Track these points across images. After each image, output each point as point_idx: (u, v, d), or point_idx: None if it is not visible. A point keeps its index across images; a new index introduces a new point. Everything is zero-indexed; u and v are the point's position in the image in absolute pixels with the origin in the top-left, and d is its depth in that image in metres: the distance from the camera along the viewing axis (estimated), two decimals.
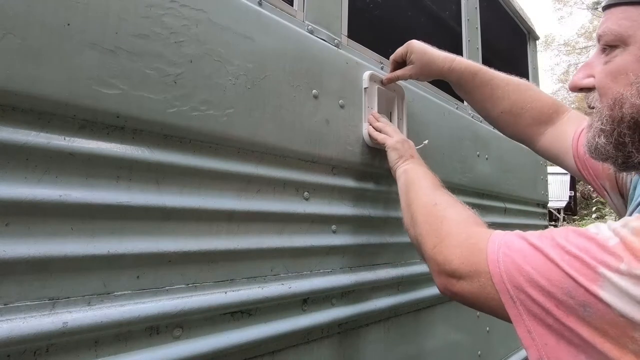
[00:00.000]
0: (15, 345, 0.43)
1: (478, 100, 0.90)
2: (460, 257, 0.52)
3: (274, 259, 0.73)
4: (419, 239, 0.64)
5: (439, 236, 0.58)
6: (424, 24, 1.41)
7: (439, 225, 0.60)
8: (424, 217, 0.65)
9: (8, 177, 0.45)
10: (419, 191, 0.73)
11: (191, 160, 0.62)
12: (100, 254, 0.51)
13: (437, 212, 0.64)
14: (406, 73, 0.94)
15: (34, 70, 0.46)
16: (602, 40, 0.51)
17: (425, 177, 0.77)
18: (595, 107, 0.52)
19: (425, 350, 1.12)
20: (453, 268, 0.53)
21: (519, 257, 0.44)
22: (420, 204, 0.69)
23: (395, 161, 0.86)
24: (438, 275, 0.57)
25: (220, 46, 0.66)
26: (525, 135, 0.86)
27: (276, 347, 0.72)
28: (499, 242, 0.48)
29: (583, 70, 0.56)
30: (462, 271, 0.51)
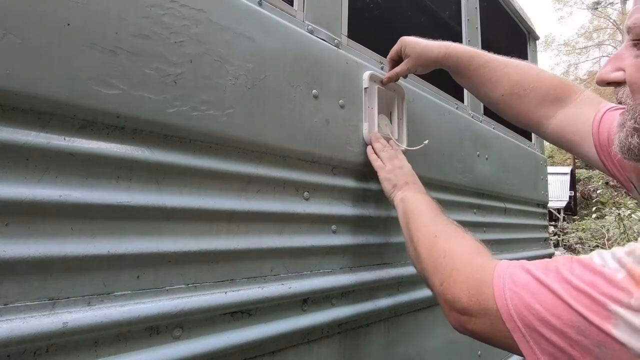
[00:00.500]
0: (15, 345, 0.43)
1: (477, 85, 0.86)
2: (467, 295, 0.50)
3: (274, 259, 0.73)
4: (425, 274, 0.62)
5: (444, 272, 0.56)
6: (424, 24, 1.41)
7: (442, 260, 0.58)
8: (426, 251, 0.63)
9: (8, 177, 0.45)
10: (419, 221, 0.70)
11: (191, 160, 0.62)
12: (100, 254, 0.51)
13: (439, 246, 0.61)
14: (404, 68, 0.92)
15: (34, 70, 0.46)
16: (633, 32, 0.46)
17: (422, 205, 0.74)
18: (626, 104, 0.49)
19: (425, 350, 1.12)
20: (463, 306, 0.51)
21: (526, 294, 0.43)
22: (422, 237, 0.66)
23: (390, 191, 0.85)
24: (449, 313, 0.55)
25: (220, 46, 0.66)
26: (531, 119, 0.78)
27: (276, 347, 0.72)
28: (504, 277, 0.46)
29: (612, 62, 0.51)
30: (472, 309, 0.49)
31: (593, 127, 0.66)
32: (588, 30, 22.99)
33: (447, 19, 1.52)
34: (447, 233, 0.64)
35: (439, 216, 0.70)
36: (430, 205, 0.74)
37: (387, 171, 0.87)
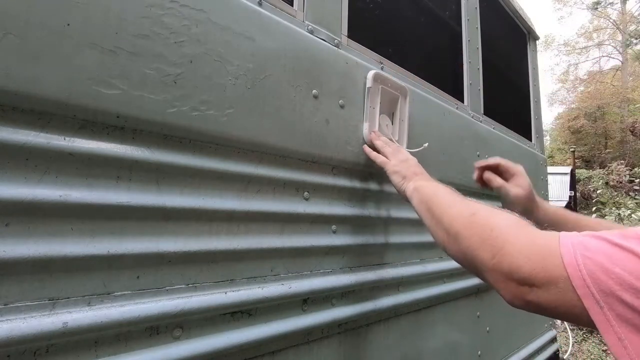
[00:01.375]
0: (15, 345, 0.43)
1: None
2: (529, 263, 0.47)
3: (274, 259, 0.73)
4: (470, 252, 0.57)
5: (495, 245, 0.52)
6: (424, 24, 1.41)
7: (490, 233, 0.54)
8: (467, 229, 0.58)
9: (8, 177, 0.45)
10: (445, 204, 0.67)
11: (191, 160, 0.62)
12: (100, 254, 0.51)
13: (481, 221, 0.57)
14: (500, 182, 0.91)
15: (34, 70, 0.46)
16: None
17: (441, 190, 0.71)
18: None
19: (425, 350, 1.12)
20: (524, 276, 0.47)
21: (604, 259, 0.40)
22: (455, 217, 0.62)
23: (400, 183, 0.83)
24: (505, 285, 0.50)
25: (220, 46, 0.66)
26: None
27: (276, 347, 0.72)
28: (574, 243, 0.44)
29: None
30: (536, 278, 0.46)
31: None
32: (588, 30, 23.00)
33: (447, 19, 1.52)
34: (484, 209, 0.60)
35: (463, 197, 0.68)
36: (448, 189, 0.72)
37: (393, 165, 0.86)
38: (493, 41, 1.80)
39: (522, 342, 1.73)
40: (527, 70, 2.19)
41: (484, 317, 1.44)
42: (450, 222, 0.62)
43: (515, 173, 0.91)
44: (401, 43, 1.25)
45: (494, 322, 1.50)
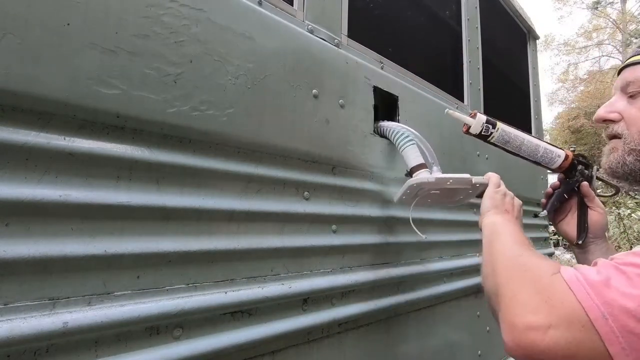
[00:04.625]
0: (16, 345, 0.43)
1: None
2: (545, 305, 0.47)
3: (274, 259, 0.73)
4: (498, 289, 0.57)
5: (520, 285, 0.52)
6: (424, 23, 1.40)
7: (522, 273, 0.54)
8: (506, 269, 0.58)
9: (8, 177, 0.45)
10: (506, 244, 0.65)
11: (191, 160, 0.62)
12: (100, 254, 0.51)
13: (521, 262, 0.57)
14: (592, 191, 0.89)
15: (34, 70, 0.46)
16: (629, 88, 0.65)
17: (514, 234, 0.68)
18: (622, 134, 0.65)
19: (425, 350, 1.12)
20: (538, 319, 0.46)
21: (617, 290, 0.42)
22: (505, 255, 0.62)
23: (487, 209, 0.79)
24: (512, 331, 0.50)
25: (220, 46, 0.66)
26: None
27: (276, 347, 0.72)
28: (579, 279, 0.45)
29: (606, 107, 0.69)
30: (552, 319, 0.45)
31: None
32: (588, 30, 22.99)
33: (447, 19, 1.52)
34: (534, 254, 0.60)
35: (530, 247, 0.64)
36: (523, 237, 0.68)
37: (497, 191, 0.82)
38: (493, 41, 1.80)
39: None
40: (527, 70, 2.19)
41: (484, 316, 1.44)
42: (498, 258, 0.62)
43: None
44: (401, 43, 1.25)
45: (494, 322, 1.49)
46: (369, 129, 0.97)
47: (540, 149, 0.91)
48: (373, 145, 0.97)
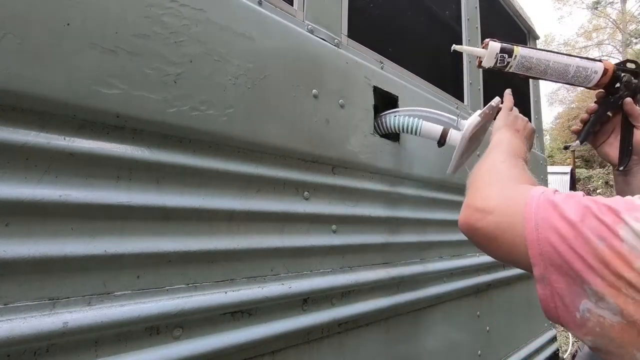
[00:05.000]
0: (16, 345, 0.43)
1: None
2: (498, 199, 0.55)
3: (274, 258, 0.73)
4: (472, 181, 0.65)
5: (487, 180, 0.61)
6: (424, 23, 1.40)
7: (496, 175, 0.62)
8: (487, 170, 0.65)
9: (8, 177, 0.45)
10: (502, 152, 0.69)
11: (191, 160, 0.62)
12: (100, 254, 0.51)
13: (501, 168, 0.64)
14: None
15: (34, 70, 0.46)
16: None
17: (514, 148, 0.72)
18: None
19: (425, 350, 1.12)
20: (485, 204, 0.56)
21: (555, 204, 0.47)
22: (494, 159, 0.67)
23: (498, 127, 0.80)
24: (464, 210, 0.59)
25: (220, 46, 0.66)
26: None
27: (276, 347, 0.72)
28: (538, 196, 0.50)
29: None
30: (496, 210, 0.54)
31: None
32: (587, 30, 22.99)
33: (447, 19, 1.52)
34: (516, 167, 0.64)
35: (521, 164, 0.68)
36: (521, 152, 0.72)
37: (510, 113, 0.83)
38: None
39: (521, 341, 1.73)
40: None
41: (484, 316, 1.44)
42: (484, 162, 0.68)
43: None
44: (401, 43, 1.25)
45: (494, 322, 1.50)
46: (369, 129, 0.97)
47: (571, 68, 0.79)
48: (373, 145, 0.98)
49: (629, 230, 0.40)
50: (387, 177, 1.03)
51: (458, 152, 0.93)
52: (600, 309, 0.40)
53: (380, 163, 0.99)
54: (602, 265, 0.41)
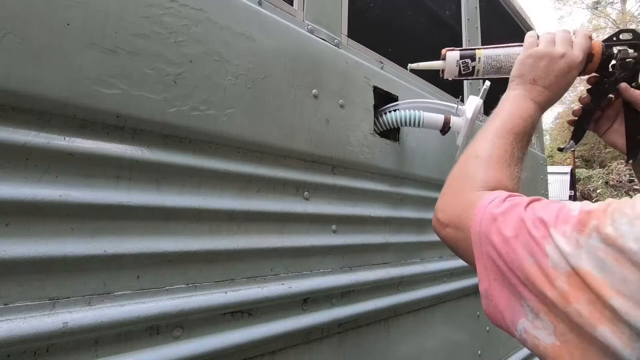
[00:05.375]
0: (16, 345, 0.43)
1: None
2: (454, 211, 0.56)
3: (274, 258, 0.73)
4: (447, 180, 0.63)
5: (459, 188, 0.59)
6: (424, 23, 1.41)
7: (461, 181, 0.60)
8: (459, 167, 0.62)
9: (8, 177, 0.45)
10: (486, 135, 0.63)
11: (191, 160, 0.62)
12: (100, 254, 0.51)
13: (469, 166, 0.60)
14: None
15: (34, 70, 0.46)
16: None
17: (508, 120, 0.63)
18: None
19: (425, 350, 1.12)
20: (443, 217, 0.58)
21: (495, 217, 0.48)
22: (472, 150, 0.63)
23: (511, 79, 0.69)
24: (433, 217, 0.61)
25: (220, 46, 0.66)
26: None
27: (276, 347, 0.72)
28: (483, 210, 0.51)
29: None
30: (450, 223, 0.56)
31: None
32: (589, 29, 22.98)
33: (447, 19, 1.52)
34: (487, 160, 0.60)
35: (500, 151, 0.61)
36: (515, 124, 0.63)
37: (531, 54, 0.67)
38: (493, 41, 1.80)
39: None
40: None
41: (484, 316, 1.44)
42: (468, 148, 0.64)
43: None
44: (401, 43, 1.25)
45: None
46: (369, 129, 0.97)
47: None
48: (373, 145, 0.98)
49: (554, 246, 0.39)
50: (387, 177, 1.03)
51: (463, 137, 0.93)
52: (536, 329, 0.39)
53: (380, 163, 0.99)
54: (531, 283, 0.39)
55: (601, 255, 0.35)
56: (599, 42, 0.67)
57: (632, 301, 0.32)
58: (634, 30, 0.66)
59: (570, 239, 0.38)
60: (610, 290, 0.33)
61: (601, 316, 0.33)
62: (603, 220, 0.36)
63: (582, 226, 0.37)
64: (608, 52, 0.67)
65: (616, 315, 0.33)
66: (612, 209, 0.37)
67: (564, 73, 0.65)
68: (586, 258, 0.36)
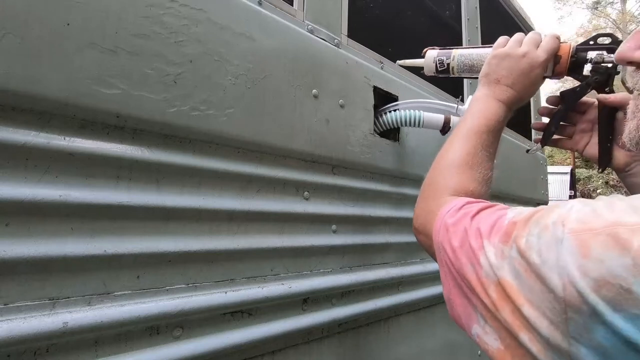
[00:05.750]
0: (16, 345, 0.43)
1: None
2: (424, 219, 0.59)
3: (274, 258, 0.73)
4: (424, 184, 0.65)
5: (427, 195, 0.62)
6: (424, 23, 1.41)
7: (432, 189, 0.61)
8: (437, 173, 0.63)
9: (8, 177, 0.45)
10: (455, 141, 0.64)
11: (191, 160, 0.62)
12: (100, 254, 0.51)
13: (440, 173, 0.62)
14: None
15: (34, 70, 0.46)
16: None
17: (473, 121, 0.64)
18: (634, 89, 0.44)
19: (425, 350, 1.12)
20: (417, 225, 0.62)
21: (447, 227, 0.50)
22: (444, 156, 0.63)
23: (479, 80, 0.71)
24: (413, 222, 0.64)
25: (220, 46, 0.66)
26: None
27: (276, 347, 0.72)
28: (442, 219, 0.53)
29: (634, 39, 0.47)
30: (421, 230, 0.60)
31: None
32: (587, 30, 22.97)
33: (447, 19, 1.52)
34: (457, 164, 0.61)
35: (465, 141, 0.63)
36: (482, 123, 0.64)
37: (496, 54, 0.69)
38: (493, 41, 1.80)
39: None
40: None
41: None
42: (442, 153, 0.65)
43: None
44: (401, 43, 1.25)
45: None
46: (369, 129, 0.97)
47: None
48: (373, 145, 0.98)
49: (485, 257, 0.40)
50: (387, 177, 1.03)
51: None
52: (486, 334, 0.40)
53: (380, 163, 0.99)
54: (474, 291, 0.41)
55: (517, 266, 0.37)
56: (568, 44, 0.67)
57: (539, 311, 0.34)
58: (612, 34, 0.65)
59: (497, 250, 0.40)
60: (523, 300, 0.35)
61: (520, 324, 0.35)
62: (521, 232, 0.38)
63: (507, 237, 0.39)
64: (579, 55, 0.66)
65: (529, 323, 0.34)
66: (535, 218, 0.38)
67: (526, 72, 0.66)
68: (508, 269, 0.38)
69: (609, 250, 0.30)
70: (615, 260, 0.30)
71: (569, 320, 0.31)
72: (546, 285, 0.33)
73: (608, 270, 0.30)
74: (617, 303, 0.29)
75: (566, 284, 0.32)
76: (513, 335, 0.36)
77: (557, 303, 0.32)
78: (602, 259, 0.30)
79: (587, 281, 0.30)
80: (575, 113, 0.72)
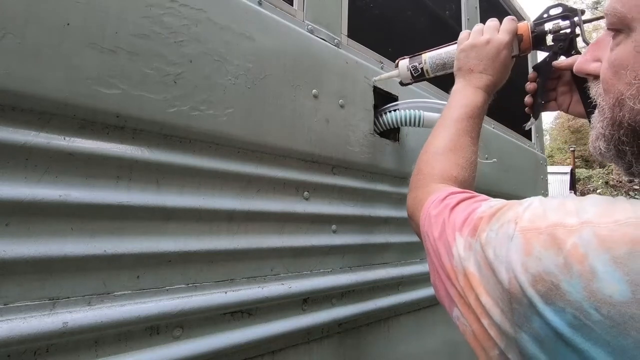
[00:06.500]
0: (16, 345, 0.43)
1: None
2: (414, 205, 0.62)
3: (274, 258, 0.73)
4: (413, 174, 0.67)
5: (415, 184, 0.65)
6: (424, 23, 1.40)
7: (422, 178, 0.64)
8: (423, 162, 0.66)
9: (8, 177, 0.45)
10: (440, 129, 0.67)
11: (191, 160, 0.62)
12: (100, 254, 0.51)
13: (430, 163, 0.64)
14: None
15: (33, 70, 0.46)
16: (607, 20, 0.42)
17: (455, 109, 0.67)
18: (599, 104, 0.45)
19: (425, 350, 1.12)
20: (409, 212, 0.64)
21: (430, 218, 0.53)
22: (431, 145, 0.66)
23: (454, 73, 0.75)
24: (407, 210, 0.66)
25: (220, 46, 0.66)
26: None
27: (276, 347, 0.72)
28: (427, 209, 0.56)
29: (592, 50, 0.50)
30: (412, 215, 0.62)
31: None
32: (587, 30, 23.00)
33: (447, 19, 1.52)
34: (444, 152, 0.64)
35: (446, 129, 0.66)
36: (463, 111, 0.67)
37: (462, 49, 0.74)
38: None
39: None
40: (527, 70, 2.19)
41: None
42: (427, 147, 0.67)
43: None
44: (401, 43, 1.25)
45: None
46: (369, 129, 0.97)
47: None
48: (373, 145, 0.98)
49: (456, 248, 0.44)
50: (387, 177, 1.03)
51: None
52: (462, 317, 0.43)
53: (380, 163, 0.99)
54: (449, 277, 0.45)
55: (479, 258, 0.40)
56: (525, 23, 0.72)
57: (493, 300, 0.38)
58: (561, 3, 0.70)
59: (466, 243, 0.43)
60: (482, 289, 0.39)
61: (482, 311, 0.39)
62: (484, 227, 0.41)
63: (474, 231, 0.43)
64: (538, 30, 0.71)
65: (486, 311, 0.38)
66: (498, 215, 0.41)
67: (494, 56, 0.71)
68: (472, 261, 0.41)
69: (547, 250, 0.34)
70: (551, 258, 0.33)
71: (514, 310, 0.35)
72: (497, 278, 0.37)
73: (544, 268, 0.33)
74: (548, 297, 0.32)
75: (511, 278, 0.35)
76: (478, 320, 0.40)
77: (505, 294, 0.36)
78: (541, 257, 0.34)
79: (527, 276, 0.34)
80: (553, 80, 0.75)
